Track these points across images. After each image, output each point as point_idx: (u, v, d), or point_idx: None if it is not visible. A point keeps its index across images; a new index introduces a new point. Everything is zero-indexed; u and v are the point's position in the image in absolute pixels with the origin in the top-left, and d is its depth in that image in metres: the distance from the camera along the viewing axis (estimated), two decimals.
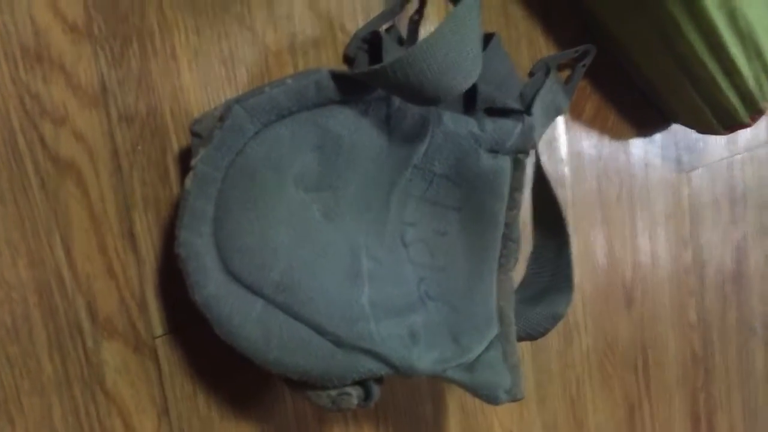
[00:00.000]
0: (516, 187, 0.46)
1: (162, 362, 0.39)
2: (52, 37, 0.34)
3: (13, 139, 0.33)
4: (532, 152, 0.47)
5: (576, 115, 0.62)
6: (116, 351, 0.37)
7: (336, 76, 0.36)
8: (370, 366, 0.37)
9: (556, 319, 0.48)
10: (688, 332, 0.79)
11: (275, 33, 0.42)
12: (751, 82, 0.57)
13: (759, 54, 0.56)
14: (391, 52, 0.41)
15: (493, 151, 0.44)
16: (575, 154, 0.63)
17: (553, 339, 0.63)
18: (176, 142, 0.38)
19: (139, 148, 0.37)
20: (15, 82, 0.33)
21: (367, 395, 0.38)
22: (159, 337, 0.38)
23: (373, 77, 0.35)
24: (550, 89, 0.54)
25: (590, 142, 0.64)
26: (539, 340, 0.61)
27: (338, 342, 0.36)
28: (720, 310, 0.83)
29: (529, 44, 0.58)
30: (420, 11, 0.46)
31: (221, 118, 0.34)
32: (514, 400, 0.42)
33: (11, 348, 0.34)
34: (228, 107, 0.34)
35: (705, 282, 0.80)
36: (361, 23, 0.46)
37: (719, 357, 0.84)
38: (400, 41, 0.45)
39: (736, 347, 0.87)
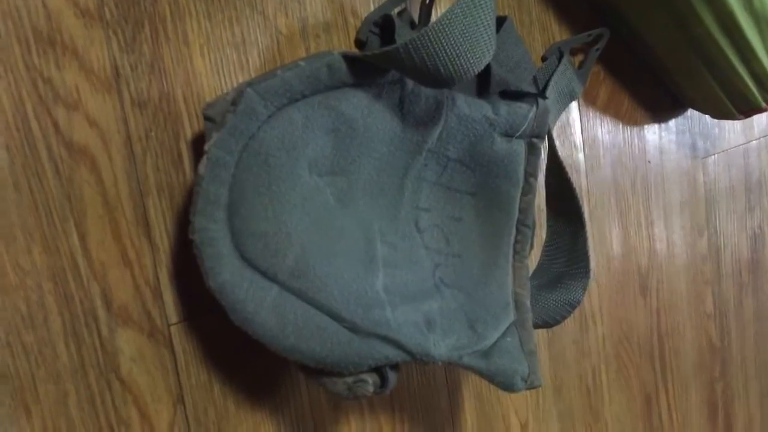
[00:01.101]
0: (531, 172, 0.45)
1: (177, 350, 0.38)
2: (63, 21, 0.34)
3: (27, 125, 0.33)
4: (546, 137, 0.47)
5: (590, 100, 0.62)
6: (131, 339, 0.37)
7: (348, 59, 0.36)
8: (386, 352, 0.37)
9: (572, 305, 0.48)
10: (705, 321, 0.78)
11: (286, 17, 0.42)
12: (767, 65, 0.57)
13: None
14: (403, 36, 0.41)
15: (508, 135, 0.44)
16: (590, 140, 0.62)
17: (568, 328, 0.62)
18: (189, 127, 0.38)
19: (152, 133, 0.37)
20: (28, 66, 0.33)
21: (383, 382, 0.38)
22: (174, 324, 0.38)
23: (386, 59, 0.35)
24: (564, 74, 0.53)
25: (605, 128, 0.63)
26: (555, 329, 0.61)
27: (354, 328, 0.36)
28: (737, 299, 0.82)
29: (541, 29, 0.57)
30: None
31: (234, 102, 0.34)
32: (532, 387, 0.42)
33: (27, 336, 0.33)
34: (240, 91, 0.34)
35: (721, 270, 0.79)
36: (372, 7, 0.46)
37: (736, 346, 0.83)
38: (412, 25, 0.45)
39: (754, 336, 0.86)
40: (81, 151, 0.35)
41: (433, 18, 0.48)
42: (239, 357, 0.41)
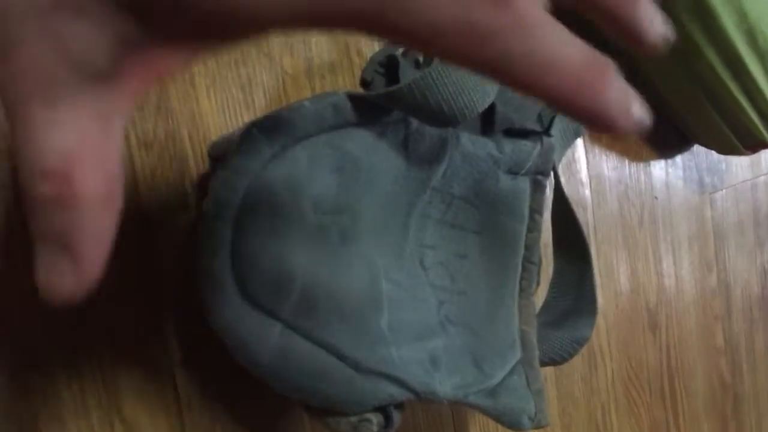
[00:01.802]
0: (536, 209, 0.45)
1: (180, 389, 0.38)
2: None
3: None
4: (551, 174, 0.47)
5: (596, 137, 0.62)
6: (134, 378, 0.37)
7: (353, 99, 0.36)
8: (390, 391, 0.36)
9: (579, 343, 0.48)
10: (716, 357, 0.77)
11: (292, 58, 0.42)
12: None
13: None
14: (408, 75, 0.41)
15: (513, 172, 0.44)
16: (596, 176, 0.62)
17: (577, 364, 0.62)
18: (194, 166, 0.38)
19: (158, 173, 0.37)
20: None
21: (388, 421, 0.37)
22: (177, 363, 0.38)
23: (391, 98, 0.35)
24: None
25: (611, 164, 0.63)
26: (562, 366, 0.60)
27: (358, 367, 0.36)
28: (748, 335, 0.81)
29: None
30: None
31: (239, 142, 0.34)
32: (539, 426, 0.41)
33: (30, 374, 0.33)
34: (246, 131, 0.34)
35: (731, 306, 0.79)
36: (377, 47, 0.46)
37: (748, 383, 0.82)
38: (417, 64, 0.45)
39: (766, 372, 0.84)
40: None
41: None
42: (242, 395, 0.41)
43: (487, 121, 0.44)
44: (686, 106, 0.61)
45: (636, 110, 0.18)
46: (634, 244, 0.66)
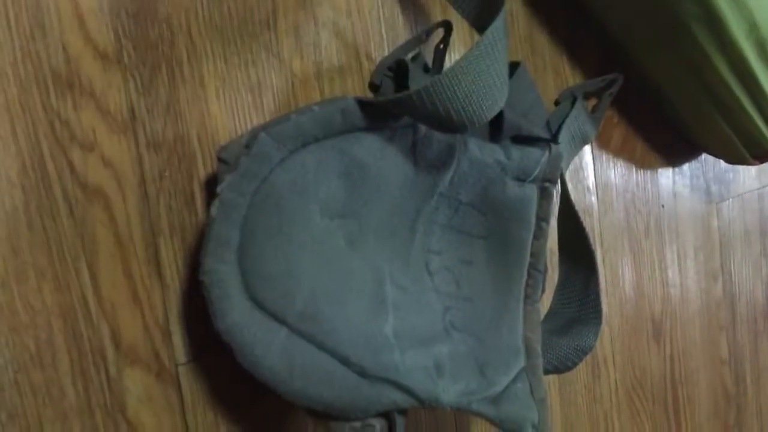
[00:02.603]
0: (543, 217, 0.45)
1: (184, 391, 0.38)
2: (83, 64, 0.34)
3: (43, 166, 0.33)
4: (558, 181, 0.47)
5: (603, 144, 0.62)
6: (139, 379, 0.37)
7: (362, 104, 0.36)
8: (394, 397, 0.36)
9: (584, 352, 0.47)
10: (720, 367, 0.77)
11: (302, 60, 0.42)
12: None
13: None
14: (417, 80, 0.41)
15: (520, 179, 0.44)
16: (603, 184, 0.62)
17: (580, 372, 0.61)
18: (203, 168, 0.38)
19: (166, 174, 0.37)
20: (46, 108, 0.33)
21: (391, 427, 0.37)
22: (182, 364, 0.38)
23: (400, 104, 0.35)
24: (577, 118, 0.54)
25: (618, 172, 0.63)
26: (566, 374, 0.60)
27: (362, 373, 0.36)
28: (752, 345, 0.81)
29: (555, 73, 0.58)
30: (445, 39, 0.46)
31: (248, 145, 0.34)
32: None
33: (34, 374, 0.33)
34: (254, 134, 0.34)
35: (736, 316, 0.78)
36: (386, 51, 0.46)
37: (752, 394, 0.82)
38: (426, 69, 0.45)
39: None
40: (95, 191, 0.35)
41: (447, 62, 0.48)
42: (247, 398, 0.41)
43: (495, 128, 0.44)
44: (695, 115, 0.61)
45: None
46: (640, 253, 0.66)
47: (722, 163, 0.73)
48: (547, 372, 0.47)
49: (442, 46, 0.46)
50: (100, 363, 0.35)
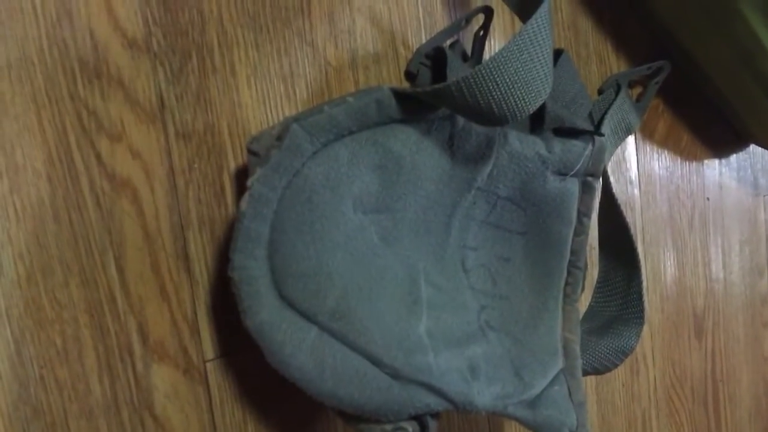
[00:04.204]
0: (584, 212, 0.43)
1: (212, 388, 0.37)
2: (111, 52, 0.33)
3: (70, 157, 0.32)
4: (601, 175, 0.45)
5: (647, 134, 0.59)
6: (166, 375, 0.36)
7: (398, 95, 0.35)
8: (427, 400, 0.35)
9: (624, 353, 0.46)
10: (763, 366, 0.74)
11: (336, 48, 0.41)
12: None
13: None
14: (456, 69, 0.39)
15: (561, 173, 0.42)
16: (646, 176, 0.59)
17: (618, 370, 0.60)
18: (233, 159, 0.37)
19: (196, 165, 0.36)
20: (73, 97, 0.32)
21: (424, 430, 0.36)
22: (210, 361, 0.37)
23: (437, 96, 0.33)
24: (621, 107, 0.51)
25: (662, 163, 0.61)
26: None
27: (395, 374, 0.34)
28: None
29: (599, 61, 0.55)
30: (485, 26, 0.44)
31: (279, 137, 0.33)
32: None
33: (60, 370, 0.33)
34: (286, 126, 0.33)
35: None
36: (424, 38, 0.45)
37: None
38: (464, 57, 0.43)
39: None
40: (123, 183, 0.34)
41: (486, 49, 0.46)
42: (275, 396, 0.40)
43: (537, 119, 0.42)
44: (746, 106, 0.58)
45: None
46: (683, 247, 0.64)
47: None
48: (585, 373, 0.45)
49: (482, 32, 0.44)
50: (127, 359, 0.35)
